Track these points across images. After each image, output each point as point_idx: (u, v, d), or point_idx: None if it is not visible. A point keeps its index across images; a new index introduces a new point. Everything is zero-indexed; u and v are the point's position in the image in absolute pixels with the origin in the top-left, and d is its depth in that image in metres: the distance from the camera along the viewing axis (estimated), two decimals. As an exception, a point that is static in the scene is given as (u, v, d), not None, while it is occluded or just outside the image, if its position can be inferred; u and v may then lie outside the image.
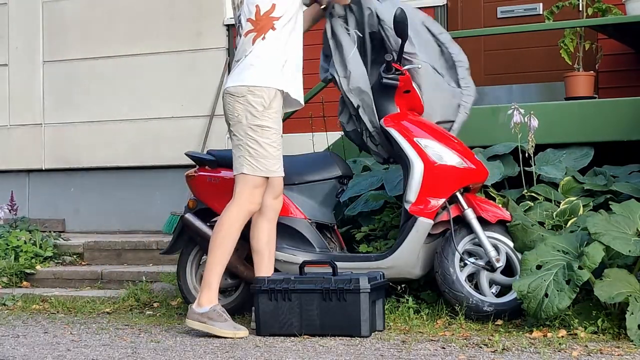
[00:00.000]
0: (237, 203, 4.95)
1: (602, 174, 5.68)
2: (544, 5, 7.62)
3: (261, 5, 4.94)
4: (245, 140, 4.91)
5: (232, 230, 4.94)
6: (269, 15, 4.93)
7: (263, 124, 4.91)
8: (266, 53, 4.94)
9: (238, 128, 4.94)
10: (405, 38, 5.21)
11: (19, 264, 7.14)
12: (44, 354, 4.62)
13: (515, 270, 5.06)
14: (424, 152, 5.11)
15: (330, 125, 6.78)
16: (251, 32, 4.96)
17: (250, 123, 4.91)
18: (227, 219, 4.94)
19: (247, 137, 4.91)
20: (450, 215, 5.08)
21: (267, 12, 4.93)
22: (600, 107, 5.98)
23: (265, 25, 4.93)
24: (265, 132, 4.91)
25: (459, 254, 5.07)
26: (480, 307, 4.99)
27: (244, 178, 4.94)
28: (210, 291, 4.94)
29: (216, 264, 4.95)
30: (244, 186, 4.94)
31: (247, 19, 4.98)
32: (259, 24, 4.94)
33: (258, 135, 4.90)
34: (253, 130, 4.91)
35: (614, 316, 4.63)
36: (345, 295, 4.75)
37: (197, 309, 4.92)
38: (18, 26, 9.40)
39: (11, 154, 9.40)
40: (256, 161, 4.91)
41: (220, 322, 4.90)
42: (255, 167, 4.92)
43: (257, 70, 4.94)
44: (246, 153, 4.91)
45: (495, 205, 5.20)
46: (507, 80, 7.81)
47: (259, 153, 4.91)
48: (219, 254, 4.94)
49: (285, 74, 4.99)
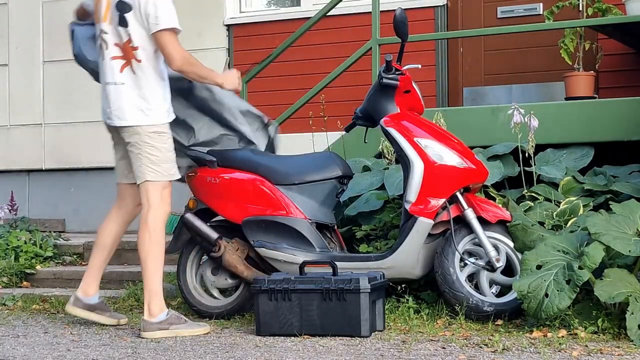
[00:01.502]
0: (152, 210, 5.08)
1: (602, 174, 5.68)
2: (544, 5, 7.62)
3: None
4: (144, 148, 5.04)
5: (157, 238, 5.10)
6: None
7: (158, 130, 5.07)
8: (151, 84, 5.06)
9: (136, 139, 5.05)
10: (405, 39, 5.22)
11: (19, 264, 7.13)
12: (44, 354, 4.62)
13: (515, 270, 5.06)
14: (424, 152, 5.11)
15: (331, 125, 6.78)
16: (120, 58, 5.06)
17: (147, 132, 5.05)
18: (148, 228, 5.07)
19: (145, 145, 5.04)
20: (450, 215, 5.08)
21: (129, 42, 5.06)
22: (600, 107, 5.98)
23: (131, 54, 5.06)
24: (162, 138, 5.07)
25: (459, 254, 5.07)
26: (481, 307, 4.99)
27: (151, 185, 5.08)
28: (159, 298, 5.05)
29: (155, 271, 5.08)
30: (153, 192, 5.08)
31: None
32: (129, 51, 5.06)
33: (155, 142, 5.05)
34: (150, 138, 5.05)
35: (614, 316, 4.63)
36: (345, 295, 4.75)
37: (152, 319, 5.01)
38: (18, 26, 9.40)
39: (11, 154, 9.40)
40: (158, 166, 5.07)
41: (182, 324, 5.02)
42: (158, 173, 5.07)
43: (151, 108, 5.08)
44: (147, 160, 5.05)
45: (496, 205, 5.20)
46: (507, 80, 7.81)
47: (159, 158, 5.06)
48: (153, 262, 5.08)
49: None
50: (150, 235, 5.06)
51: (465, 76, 8.01)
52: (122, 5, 5.00)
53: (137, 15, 4.99)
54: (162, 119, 5.09)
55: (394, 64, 5.19)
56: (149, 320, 4.99)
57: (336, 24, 8.11)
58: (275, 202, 5.38)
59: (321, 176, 5.44)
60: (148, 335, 4.97)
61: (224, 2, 8.71)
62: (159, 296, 5.04)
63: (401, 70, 5.22)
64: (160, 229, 5.10)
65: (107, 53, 5.08)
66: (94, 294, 5.37)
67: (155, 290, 5.04)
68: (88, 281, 5.38)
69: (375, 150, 6.26)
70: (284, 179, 5.44)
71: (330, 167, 5.47)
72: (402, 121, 5.22)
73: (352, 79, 7.55)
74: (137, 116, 5.03)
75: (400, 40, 5.23)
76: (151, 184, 5.07)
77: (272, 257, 5.33)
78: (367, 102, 5.41)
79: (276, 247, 5.32)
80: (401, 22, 5.13)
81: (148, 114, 5.03)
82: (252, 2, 8.85)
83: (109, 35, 5.07)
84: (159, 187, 5.08)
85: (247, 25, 8.70)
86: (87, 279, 5.38)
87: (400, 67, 5.25)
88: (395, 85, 5.19)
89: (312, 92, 6.87)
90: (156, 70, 5.07)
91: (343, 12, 7.95)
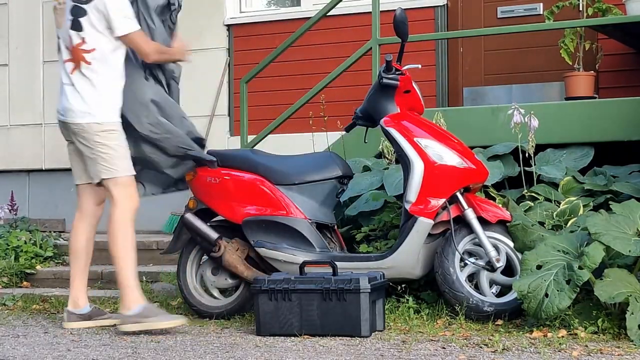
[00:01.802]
0: (117, 206, 5.18)
1: (602, 174, 5.68)
2: (544, 5, 7.62)
3: None
4: (97, 148, 5.17)
5: (127, 233, 5.18)
6: None
7: (107, 128, 5.19)
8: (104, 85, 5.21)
9: (89, 138, 5.18)
10: (405, 39, 5.21)
11: (19, 264, 7.14)
12: (44, 354, 4.62)
13: (515, 270, 5.06)
14: (424, 152, 5.11)
15: (330, 125, 6.78)
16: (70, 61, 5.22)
17: (96, 130, 5.17)
18: (116, 224, 5.17)
19: (97, 145, 5.16)
20: (450, 215, 5.08)
21: None
22: (600, 107, 5.98)
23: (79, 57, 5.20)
24: (111, 135, 5.18)
25: (459, 254, 5.07)
26: (481, 307, 4.99)
27: (111, 182, 5.18)
28: (134, 291, 5.13)
29: (126, 266, 5.17)
30: (113, 188, 5.19)
31: None
32: None
33: (106, 140, 5.15)
34: (100, 137, 5.16)
35: (614, 316, 4.63)
36: (345, 295, 4.75)
37: (128, 312, 5.11)
38: (18, 26, 9.40)
39: (11, 154, 9.40)
40: (111, 164, 5.17)
41: (153, 316, 5.07)
42: (110, 170, 5.18)
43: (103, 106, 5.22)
44: (100, 159, 5.17)
45: (496, 205, 5.20)
46: (507, 80, 7.81)
47: (112, 155, 5.17)
48: (125, 256, 5.17)
49: None
50: (118, 231, 5.16)
51: (465, 76, 8.01)
52: (76, 10, 5.19)
53: (93, 19, 5.16)
54: (110, 118, 5.21)
55: (394, 63, 5.19)
56: (125, 314, 5.11)
57: (336, 24, 8.11)
58: (275, 202, 5.38)
59: (321, 176, 5.44)
60: (123, 328, 5.08)
61: (224, 2, 8.71)
62: (134, 289, 5.14)
63: (401, 70, 5.22)
64: (127, 225, 5.19)
65: (60, 56, 5.30)
66: (85, 304, 5.44)
67: (129, 285, 5.14)
68: (74, 293, 5.44)
69: (375, 150, 6.26)
70: (284, 179, 5.44)
71: (330, 167, 5.47)
72: (402, 121, 5.22)
73: (352, 79, 7.55)
74: (84, 115, 5.17)
75: (400, 40, 5.23)
76: (111, 182, 5.18)
77: (272, 257, 5.33)
78: (367, 102, 5.41)
79: (276, 247, 5.32)
80: (401, 22, 5.13)
81: (95, 113, 5.16)
82: (252, 2, 8.85)
83: (61, 39, 5.30)
84: (119, 183, 5.18)
85: (247, 25, 8.70)
86: (73, 291, 5.45)
87: (400, 67, 5.25)
88: (396, 85, 5.19)
89: (312, 92, 6.86)
90: (108, 72, 5.21)
91: (343, 12, 7.95)
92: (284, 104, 7.48)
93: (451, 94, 8.00)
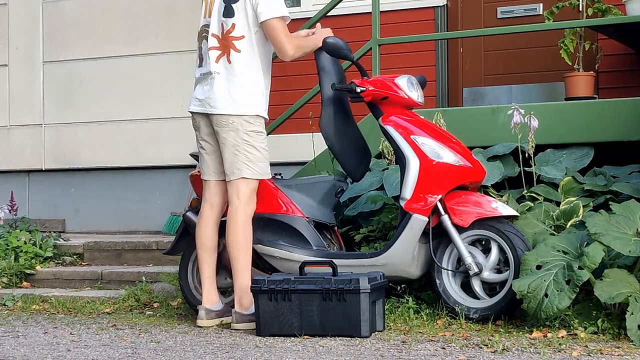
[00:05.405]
0: (242, 207, 5.15)
1: (602, 174, 5.67)
2: (544, 5, 7.62)
3: None
4: (242, 146, 5.12)
5: (248, 235, 5.18)
6: None
7: (256, 129, 5.16)
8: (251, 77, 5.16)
9: (235, 135, 5.13)
10: (351, 58, 5.23)
11: (19, 264, 7.13)
12: (44, 354, 4.62)
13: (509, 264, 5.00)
14: (420, 150, 5.10)
15: (331, 126, 6.76)
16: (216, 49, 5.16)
17: (247, 129, 5.12)
18: (240, 226, 5.14)
19: (243, 143, 5.11)
20: (430, 225, 5.05)
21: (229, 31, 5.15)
22: (600, 108, 5.98)
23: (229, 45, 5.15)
24: (259, 137, 5.17)
25: (438, 265, 5.06)
26: (467, 315, 5.00)
27: (245, 182, 5.14)
28: (249, 292, 5.06)
29: (246, 268, 5.17)
30: (246, 189, 5.16)
31: None
32: None
33: (254, 140, 5.14)
34: (249, 136, 5.13)
35: (614, 316, 4.63)
36: (345, 296, 4.75)
37: (245, 311, 5.12)
38: (18, 26, 9.39)
39: (11, 154, 9.39)
40: (255, 165, 5.15)
41: None
42: (254, 171, 5.15)
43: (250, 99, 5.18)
44: (244, 158, 5.12)
45: (476, 202, 5.07)
46: (507, 80, 7.80)
47: (256, 157, 5.14)
48: (245, 258, 5.17)
49: None
50: (243, 232, 5.15)
51: (465, 76, 8.00)
52: None
53: (245, 5, 5.13)
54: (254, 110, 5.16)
55: (358, 82, 5.21)
56: (242, 312, 5.11)
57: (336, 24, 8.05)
58: (273, 200, 5.38)
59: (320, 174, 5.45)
60: (241, 326, 5.09)
61: (224, 2, 8.70)
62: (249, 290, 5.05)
63: (364, 87, 5.22)
64: (249, 227, 5.19)
65: (206, 44, 5.23)
66: (219, 300, 5.38)
67: (247, 285, 5.09)
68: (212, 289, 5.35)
69: (375, 151, 6.26)
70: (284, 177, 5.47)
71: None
72: (400, 120, 5.22)
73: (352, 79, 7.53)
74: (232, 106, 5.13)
75: (350, 60, 5.26)
76: (244, 181, 5.15)
77: (269, 254, 5.34)
78: None
79: (273, 244, 5.32)
80: (335, 50, 5.18)
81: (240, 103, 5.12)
82: (252, 3, 8.84)
83: (210, 27, 5.22)
84: (251, 185, 5.18)
85: (247, 26, 8.68)
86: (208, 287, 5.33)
87: (364, 82, 5.26)
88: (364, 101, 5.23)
89: (312, 92, 6.86)
90: (255, 63, 5.18)
91: (343, 12, 7.94)
92: (284, 104, 7.48)
93: (451, 94, 8.00)
